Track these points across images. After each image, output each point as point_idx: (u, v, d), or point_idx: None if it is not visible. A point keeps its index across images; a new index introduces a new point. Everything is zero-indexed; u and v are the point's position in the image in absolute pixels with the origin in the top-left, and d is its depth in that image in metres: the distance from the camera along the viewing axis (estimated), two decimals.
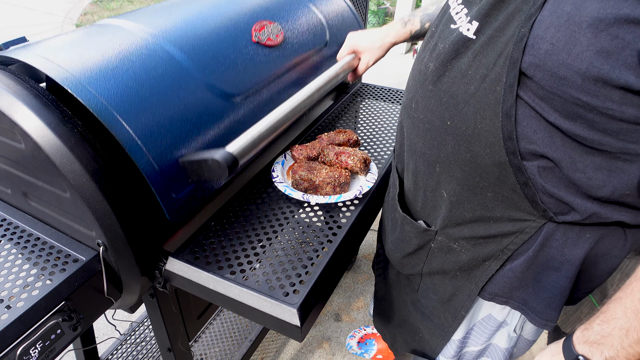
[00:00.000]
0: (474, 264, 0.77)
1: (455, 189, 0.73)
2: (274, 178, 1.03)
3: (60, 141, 0.68)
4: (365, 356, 1.75)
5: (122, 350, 1.49)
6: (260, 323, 0.79)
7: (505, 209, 0.68)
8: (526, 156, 0.61)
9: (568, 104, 0.54)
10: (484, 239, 0.73)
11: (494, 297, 0.79)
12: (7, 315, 0.67)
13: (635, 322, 0.54)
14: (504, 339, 0.88)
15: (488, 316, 0.86)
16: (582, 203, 0.62)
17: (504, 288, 0.76)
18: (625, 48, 0.47)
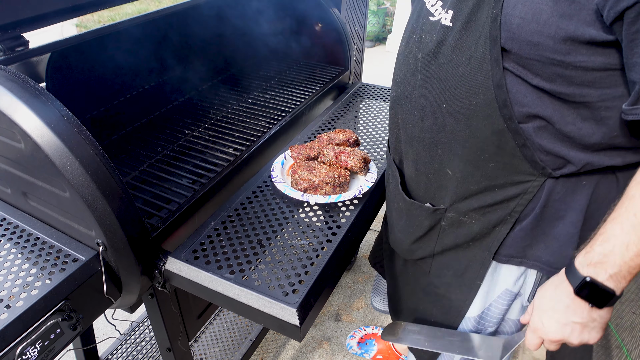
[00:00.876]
0: (485, 232, 0.82)
1: (459, 166, 0.77)
2: (273, 178, 1.03)
3: (59, 141, 0.68)
4: (365, 356, 1.75)
5: (122, 350, 1.49)
6: (259, 323, 0.79)
7: (508, 175, 0.74)
8: (521, 119, 0.68)
9: (546, 65, 0.61)
10: (492, 206, 0.78)
11: (509, 259, 0.83)
12: (6, 314, 0.67)
13: (633, 236, 0.58)
14: (517, 310, 0.91)
15: (505, 291, 0.88)
16: (576, 154, 0.68)
17: (517, 248, 0.80)
18: (582, 9, 0.55)
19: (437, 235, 0.89)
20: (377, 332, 1.81)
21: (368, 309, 1.97)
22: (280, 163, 1.09)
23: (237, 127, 1.29)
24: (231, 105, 1.42)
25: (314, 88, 1.49)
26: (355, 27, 1.81)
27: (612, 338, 1.37)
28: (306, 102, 1.38)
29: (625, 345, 1.30)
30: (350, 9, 1.72)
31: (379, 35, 4.96)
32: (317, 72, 1.61)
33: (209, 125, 1.31)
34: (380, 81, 1.77)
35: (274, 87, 1.53)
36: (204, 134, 1.26)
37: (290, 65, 1.70)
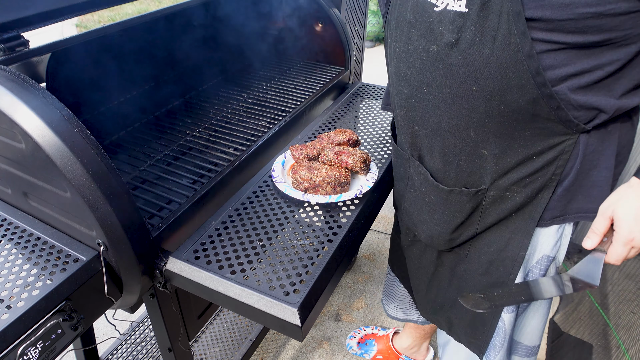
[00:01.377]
0: (528, 201, 0.84)
1: (495, 143, 0.80)
2: (274, 178, 1.03)
3: (60, 141, 0.68)
4: (365, 356, 1.75)
5: (122, 350, 1.49)
6: (260, 322, 0.80)
7: (544, 140, 0.77)
8: (555, 82, 0.70)
9: (580, 21, 0.64)
10: (533, 175, 0.81)
11: (552, 220, 0.86)
12: (7, 315, 0.67)
13: None
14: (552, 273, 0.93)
15: (543, 257, 0.91)
16: (607, 101, 0.72)
17: (560, 208, 0.84)
18: None
19: (480, 217, 0.90)
20: (377, 332, 1.81)
21: (368, 309, 1.97)
22: (281, 163, 1.09)
23: (237, 127, 1.29)
24: (231, 105, 1.42)
25: (314, 88, 1.49)
26: (355, 27, 1.81)
27: (611, 337, 1.37)
28: (306, 102, 1.38)
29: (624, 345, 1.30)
30: (350, 9, 1.72)
31: (379, 35, 4.96)
32: (317, 72, 1.61)
33: (209, 125, 1.31)
34: (380, 81, 1.77)
35: (274, 87, 1.53)
36: (204, 134, 1.26)
37: (290, 65, 1.70)
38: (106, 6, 1.07)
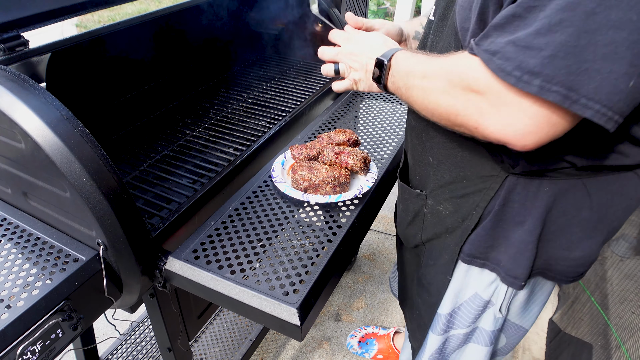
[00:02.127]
0: (456, 225, 0.83)
1: (437, 153, 0.80)
2: (273, 178, 1.03)
3: (60, 141, 0.68)
4: (365, 356, 1.75)
5: (122, 350, 1.49)
6: (260, 322, 0.79)
7: (474, 167, 0.75)
8: None
9: None
10: (461, 198, 0.80)
11: (472, 260, 0.83)
12: (7, 314, 0.67)
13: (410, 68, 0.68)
14: (490, 321, 0.89)
15: (474, 295, 0.88)
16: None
17: (480, 248, 0.81)
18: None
19: (422, 223, 0.91)
20: (378, 331, 1.81)
21: (368, 308, 1.97)
22: (281, 163, 1.09)
23: (237, 127, 1.29)
24: (231, 105, 1.42)
25: (314, 88, 1.49)
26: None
27: (611, 337, 1.37)
28: (306, 102, 1.38)
29: (624, 345, 1.30)
30: (350, 9, 1.72)
31: None
32: (317, 72, 1.61)
33: (209, 125, 1.31)
34: None
35: (274, 87, 1.53)
36: (204, 134, 1.26)
37: (290, 65, 1.70)
38: (106, 6, 1.07)
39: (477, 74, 0.53)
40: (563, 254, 0.76)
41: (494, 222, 0.77)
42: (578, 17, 0.46)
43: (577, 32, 0.46)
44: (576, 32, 0.46)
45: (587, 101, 0.47)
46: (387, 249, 2.29)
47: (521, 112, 0.51)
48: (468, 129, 0.59)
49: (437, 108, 0.62)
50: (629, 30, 0.45)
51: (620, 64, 0.46)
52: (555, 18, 0.47)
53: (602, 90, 0.47)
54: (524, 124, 0.51)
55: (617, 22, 0.45)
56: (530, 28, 0.49)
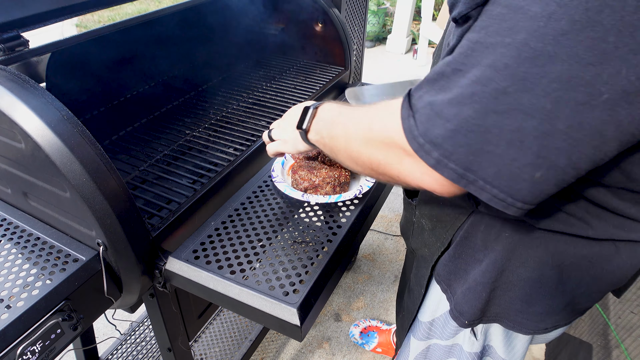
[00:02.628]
0: (431, 243, 0.84)
1: None
2: (273, 178, 1.03)
3: (60, 141, 0.68)
4: (365, 347, 1.78)
5: (122, 350, 1.49)
6: (260, 323, 0.79)
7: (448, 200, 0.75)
8: None
9: None
10: (437, 219, 0.80)
11: (440, 282, 0.84)
12: (7, 314, 0.67)
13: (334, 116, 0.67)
14: (466, 341, 0.87)
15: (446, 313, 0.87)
16: None
17: (445, 273, 0.81)
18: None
19: (412, 231, 0.93)
20: (381, 326, 1.84)
21: (368, 309, 1.97)
22: (281, 163, 1.09)
23: (237, 127, 1.29)
24: (231, 105, 1.42)
25: (314, 88, 1.49)
26: (355, 27, 1.81)
27: (611, 338, 1.37)
28: None
29: (624, 344, 1.30)
30: (350, 9, 1.72)
31: (379, 35, 4.96)
32: (317, 72, 1.61)
33: (209, 125, 1.31)
34: (380, 81, 1.77)
35: (274, 87, 1.53)
36: (204, 134, 1.26)
37: (290, 65, 1.70)
38: (106, 6, 1.07)
39: (394, 130, 0.51)
40: (521, 306, 0.73)
41: (456, 251, 0.76)
42: (488, 94, 0.42)
43: (485, 110, 0.42)
44: (483, 110, 0.42)
45: (484, 184, 0.44)
46: (387, 249, 2.29)
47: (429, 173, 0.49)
48: (391, 177, 0.56)
49: (359, 157, 0.60)
50: (540, 120, 0.40)
51: (525, 154, 0.42)
52: (468, 90, 0.43)
53: (502, 176, 0.43)
54: (434, 180, 0.49)
55: (528, 107, 0.40)
56: (449, 94, 0.45)
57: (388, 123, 0.52)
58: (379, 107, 0.56)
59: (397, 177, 0.55)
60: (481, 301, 0.73)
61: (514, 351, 0.87)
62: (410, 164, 0.50)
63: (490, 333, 0.86)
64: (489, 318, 0.77)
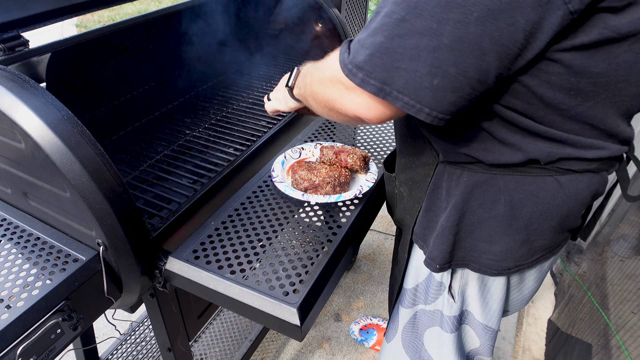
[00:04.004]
0: (410, 206, 0.89)
1: (398, 140, 0.90)
2: (273, 178, 1.03)
3: (60, 141, 0.68)
4: (364, 344, 1.79)
5: (122, 350, 1.49)
6: (260, 322, 0.80)
7: (417, 153, 0.83)
8: None
9: None
10: (412, 182, 0.87)
11: (417, 240, 0.89)
12: (7, 314, 0.67)
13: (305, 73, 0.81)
14: (446, 305, 0.92)
15: (430, 274, 0.92)
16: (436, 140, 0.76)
17: (420, 230, 0.87)
18: None
19: (395, 204, 0.98)
20: (382, 324, 1.85)
21: (368, 309, 1.97)
22: (281, 163, 1.09)
23: (237, 127, 1.29)
24: (231, 105, 1.42)
25: None
26: (355, 27, 1.81)
27: (612, 338, 1.37)
28: None
29: (624, 345, 1.30)
30: (350, 9, 1.72)
31: None
32: None
33: (209, 125, 1.31)
34: None
35: (274, 87, 1.53)
36: (204, 134, 1.26)
37: (290, 65, 1.70)
38: (106, 6, 1.07)
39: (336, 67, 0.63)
40: (484, 247, 0.79)
41: (427, 205, 0.83)
42: (392, 23, 0.54)
43: (391, 35, 0.54)
44: (390, 36, 0.54)
45: (397, 94, 0.56)
46: (387, 249, 2.29)
47: (358, 97, 0.61)
48: (338, 112, 0.68)
49: (318, 96, 0.72)
50: (430, 37, 0.52)
51: (423, 66, 0.53)
52: (379, 22, 0.55)
53: (409, 86, 0.55)
54: (364, 106, 0.62)
55: (420, 29, 0.52)
56: (369, 30, 0.57)
57: (333, 63, 0.64)
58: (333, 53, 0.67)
59: (341, 109, 0.66)
60: (448, 244, 0.80)
61: (490, 312, 0.91)
62: (348, 96, 0.63)
63: (467, 296, 0.90)
64: (458, 262, 0.83)
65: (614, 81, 0.59)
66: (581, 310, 1.56)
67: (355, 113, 0.64)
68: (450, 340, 0.96)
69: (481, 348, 0.99)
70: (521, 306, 1.00)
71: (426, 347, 1.02)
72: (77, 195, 0.70)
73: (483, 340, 0.97)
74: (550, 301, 1.96)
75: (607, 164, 0.70)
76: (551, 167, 0.69)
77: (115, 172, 0.74)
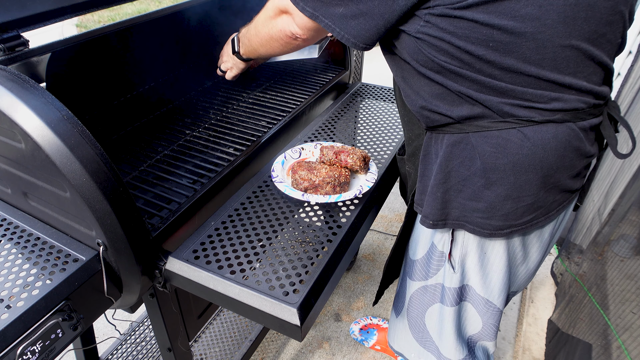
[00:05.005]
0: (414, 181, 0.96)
1: (401, 118, 1.00)
2: (273, 178, 1.03)
3: (60, 141, 0.68)
4: (364, 344, 1.79)
5: (122, 350, 1.49)
6: (260, 322, 0.79)
7: (412, 125, 0.94)
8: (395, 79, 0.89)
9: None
10: (413, 156, 0.97)
11: (417, 206, 0.94)
12: (7, 314, 0.67)
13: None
14: (447, 277, 0.95)
15: (432, 245, 0.96)
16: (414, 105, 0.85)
17: (418, 196, 0.92)
18: None
19: (407, 183, 1.07)
20: (382, 324, 1.85)
21: (368, 308, 1.97)
22: (281, 163, 1.09)
23: (237, 127, 1.29)
24: (231, 105, 1.42)
25: (314, 88, 1.49)
26: None
27: (612, 338, 1.37)
28: (306, 102, 1.38)
29: (624, 344, 1.30)
30: None
31: None
32: (317, 72, 1.61)
33: (209, 125, 1.31)
34: (380, 81, 1.77)
35: (274, 87, 1.53)
36: (204, 134, 1.26)
37: (290, 65, 1.70)
38: (106, 6, 1.07)
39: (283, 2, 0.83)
40: (472, 205, 0.83)
41: (421, 171, 0.90)
42: None
43: None
44: None
45: (323, 18, 0.75)
46: (387, 249, 2.29)
47: (300, 18, 0.82)
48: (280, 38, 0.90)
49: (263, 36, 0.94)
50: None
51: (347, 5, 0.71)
52: None
53: (326, 13, 0.74)
54: (302, 28, 0.84)
55: None
56: None
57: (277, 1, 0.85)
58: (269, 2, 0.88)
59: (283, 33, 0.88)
60: (438, 200, 0.85)
61: (490, 285, 0.93)
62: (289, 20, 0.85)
63: (467, 268, 0.93)
64: (454, 221, 0.87)
65: (529, 33, 0.64)
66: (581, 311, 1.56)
67: (295, 33, 0.85)
68: (451, 316, 0.98)
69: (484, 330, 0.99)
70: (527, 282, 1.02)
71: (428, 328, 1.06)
72: (77, 195, 0.70)
73: (485, 319, 0.98)
74: (550, 301, 1.96)
75: (571, 114, 0.72)
76: (512, 120, 0.73)
77: (115, 172, 0.74)
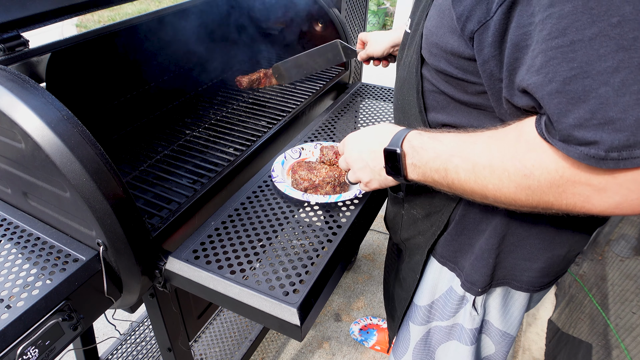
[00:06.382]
0: (426, 229, 0.87)
1: None
2: (273, 178, 1.03)
3: (60, 141, 0.68)
4: (364, 344, 1.79)
5: (122, 350, 1.49)
6: (260, 322, 0.79)
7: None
8: (433, 125, 0.75)
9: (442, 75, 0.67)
10: (430, 206, 0.83)
11: (445, 262, 0.87)
12: (7, 314, 0.67)
13: (444, 154, 0.62)
14: (467, 318, 0.90)
15: (450, 289, 0.90)
16: None
17: (449, 252, 0.85)
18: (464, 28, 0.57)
19: (400, 223, 0.95)
20: (382, 324, 1.85)
21: (368, 308, 1.97)
22: (281, 163, 1.09)
23: (237, 127, 1.29)
24: (231, 105, 1.42)
25: (314, 88, 1.49)
26: (355, 27, 1.81)
27: (612, 338, 1.37)
28: (306, 102, 1.38)
29: (624, 344, 1.30)
30: (350, 9, 1.72)
31: None
32: (317, 72, 1.61)
33: (209, 125, 1.31)
34: (380, 81, 1.77)
35: (274, 86, 1.53)
36: (204, 134, 1.26)
37: None
38: (106, 6, 1.07)
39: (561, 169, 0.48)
40: (525, 265, 0.77)
41: (457, 229, 0.80)
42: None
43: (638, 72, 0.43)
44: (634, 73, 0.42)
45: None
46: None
47: (621, 187, 0.46)
48: (566, 212, 0.53)
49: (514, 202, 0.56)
50: None
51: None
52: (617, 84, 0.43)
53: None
54: (630, 197, 0.46)
55: None
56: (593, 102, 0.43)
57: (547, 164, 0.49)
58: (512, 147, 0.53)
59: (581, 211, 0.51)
60: (489, 267, 0.78)
61: (510, 320, 0.90)
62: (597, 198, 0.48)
63: (488, 305, 0.88)
64: (498, 281, 0.81)
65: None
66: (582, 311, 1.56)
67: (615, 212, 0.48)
68: (468, 352, 0.94)
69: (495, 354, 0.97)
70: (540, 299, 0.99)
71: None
72: (77, 195, 0.70)
73: (499, 347, 0.95)
74: (551, 301, 1.96)
75: None
76: None
77: (115, 172, 0.74)
